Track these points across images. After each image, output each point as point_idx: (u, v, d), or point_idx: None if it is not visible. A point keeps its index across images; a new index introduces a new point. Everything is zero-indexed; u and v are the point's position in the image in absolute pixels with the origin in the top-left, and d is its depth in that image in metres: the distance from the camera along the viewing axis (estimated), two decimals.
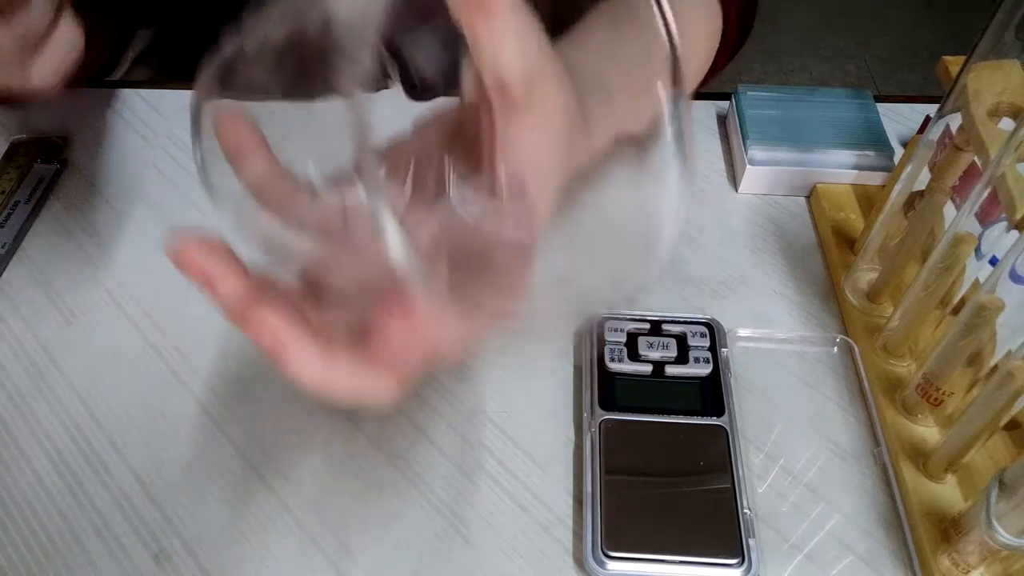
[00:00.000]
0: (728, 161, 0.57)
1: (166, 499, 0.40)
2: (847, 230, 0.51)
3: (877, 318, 0.46)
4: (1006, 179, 0.35)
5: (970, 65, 0.38)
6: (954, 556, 0.36)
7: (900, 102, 0.61)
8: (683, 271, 0.50)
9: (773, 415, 0.44)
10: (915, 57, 2.05)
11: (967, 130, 0.38)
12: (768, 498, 0.40)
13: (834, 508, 0.40)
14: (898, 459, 0.41)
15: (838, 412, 0.44)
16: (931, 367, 0.40)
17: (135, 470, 0.41)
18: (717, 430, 0.41)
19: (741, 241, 0.52)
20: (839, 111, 0.56)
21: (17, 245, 0.51)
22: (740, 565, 0.37)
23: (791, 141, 0.54)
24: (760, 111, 0.56)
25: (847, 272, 0.49)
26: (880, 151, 0.53)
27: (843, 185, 0.54)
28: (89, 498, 0.40)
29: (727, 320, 0.46)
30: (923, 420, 0.42)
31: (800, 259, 0.51)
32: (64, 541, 0.39)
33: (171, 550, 0.39)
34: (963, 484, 0.39)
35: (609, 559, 0.37)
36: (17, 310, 0.48)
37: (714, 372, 0.44)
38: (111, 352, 0.46)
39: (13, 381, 0.45)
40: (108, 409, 0.44)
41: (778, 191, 0.55)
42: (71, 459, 0.42)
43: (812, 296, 0.49)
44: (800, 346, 0.47)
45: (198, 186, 0.48)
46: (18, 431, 0.43)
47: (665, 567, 0.37)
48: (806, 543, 0.39)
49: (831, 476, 0.41)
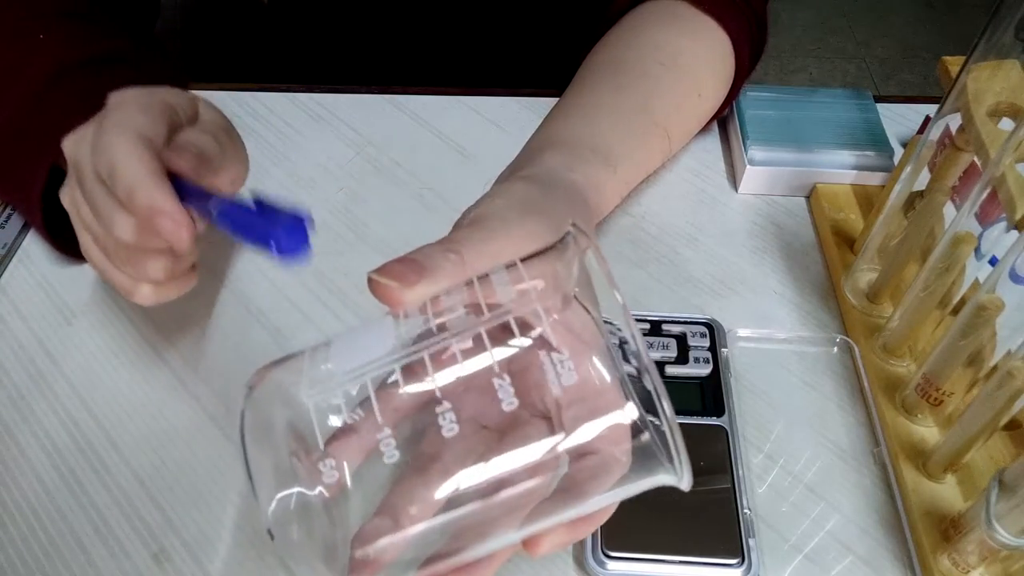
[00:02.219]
0: (728, 161, 0.57)
1: (166, 499, 0.40)
2: (847, 230, 0.51)
3: (877, 318, 0.46)
4: (1006, 179, 0.35)
5: (970, 65, 0.38)
6: (954, 556, 0.36)
7: (900, 102, 0.61)
8: (683, 271, 0.50)
9: (773, 415, 0.44)
10: (915, 57, 2.05)
11: (967, 130, 0.38)
12: (768, 498, 0.40)
13: (834, 508, 0.40)
14: (898, 459, 0.41)
15: (838, 412, 0.44)
16: (931, 367, 0.40)
17: (135, 470, 0.41)
18: (717, 430, 0.41)
19: (741, 241, 0.52)
20: (839, 111, 0.56)
21: (17, 245, 0.51)
22: (740, 565, 0.37)
23: (791, 141, 0.54)
24: (760, 111, 0.56)
25: (847, 272, 0.48)
26: (880, 151, 0.53)
27: (843, 185, 0.54)
28: (89, 498, 0.40)
29: (727, 320, 0.46)
30: (923, 420, 0.42)
31: (800, 259, 0.51)
32: (64, 541, 0.39)
33: (171, 550, 0.39)
34: (963, 484, 0.39)
35: (609, 559, 0.37)
36: (17, 310, 0.48)
37: (714, 372, 0.43)
38: (111, 352, 0.46)
39: (13, 381, 0.45)
40: (108, 409, 0.44)
41: (778, 191, 0.55)
42: (71, 459, 0.42)
43: (812, 296, 0.49)
44: (800, 346, 0.47)
45: None
46: (18, 431, 0.43)
47: (665, 567, 0.37)
48: (806, 543, 0.39)
49: (831, 476, 0.41)
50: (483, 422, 0.30)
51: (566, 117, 0.47)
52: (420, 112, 0.60)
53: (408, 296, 0.29)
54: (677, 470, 0.27)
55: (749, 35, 0.53)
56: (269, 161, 0.57)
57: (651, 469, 0.28)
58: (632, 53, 0.50)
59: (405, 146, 0.58)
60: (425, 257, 0.30)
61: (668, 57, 0.49)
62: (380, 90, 0.62)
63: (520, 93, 0.62)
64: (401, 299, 0.29)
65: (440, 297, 0.29)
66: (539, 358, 0.27)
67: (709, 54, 0.51)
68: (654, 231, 0.53)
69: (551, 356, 0.27)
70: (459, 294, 0.29)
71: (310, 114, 0.60)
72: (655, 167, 0.51)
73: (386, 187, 0.55)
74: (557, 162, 0.42)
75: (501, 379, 0.26)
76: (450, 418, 0.26)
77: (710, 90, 0.52)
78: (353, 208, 0.54)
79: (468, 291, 0.29)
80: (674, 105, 0.50)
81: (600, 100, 0.47)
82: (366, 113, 0.60)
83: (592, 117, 0.46)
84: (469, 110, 0.61)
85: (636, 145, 0.47)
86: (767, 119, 0.55)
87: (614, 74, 0.49)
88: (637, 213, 0.54)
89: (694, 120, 0.53)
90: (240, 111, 0.60)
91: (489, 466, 0.27)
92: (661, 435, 0.26)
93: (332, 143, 0.58)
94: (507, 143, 0.58)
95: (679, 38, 0.50)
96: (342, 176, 0.56)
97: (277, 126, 0.59)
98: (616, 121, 0.46)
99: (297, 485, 0.27)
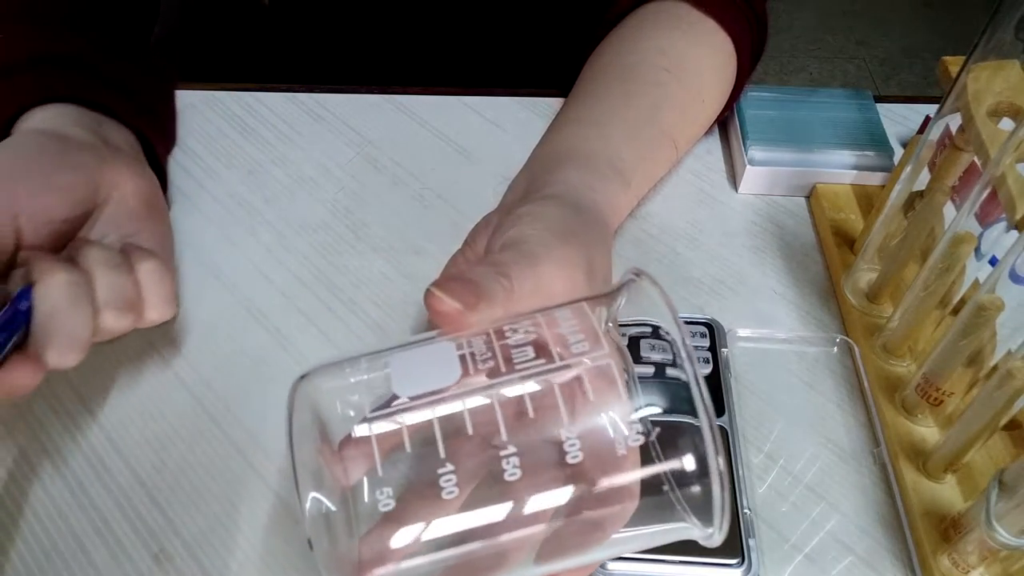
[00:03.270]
0: (728, 161, 0.57)
1: (166, 499, 0.40)
2: (847, 230, 0.51)
3: (877, 318, 0.46)
4: (1006, 179, 0.35)
5: (970, 65, 0.38)
6: (954, 556, 0.36)
7: (900, 102, 0.61)
8: (683, 271, 0.50)
9: (773, 415, 0.44)
10: (915, 57, 2.05)
11: (967, 130, 0.38)
12: (768, 498, 0.40)
13: (834, 508, 0.40)
14: (898, 459, 0.41)
15: (838, 412, 0.44)
16: (931, 367, 0.40)
17: (135, 470, 0.41)
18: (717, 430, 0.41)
19: (741, 241, 0.52)
20: (839, 111, 0.56)
21: None
22: (740, 565, 0.37)
23: (791, 141, 0.54)
24: (760, 111, 0.56)
25: (847, 272, 0.48)
26: (880, 151, 0.53)
27: (843, 185, 0.54)
28: (89, 498, 0.40)
29: (727, 320, 0.46)
30: (923, 420, 0.42)
31: (800, 259, 0.51)
32: (64, 541, 0.39)
33: (171, 550, 0.39)
34: (963, 484, 0.39)
35: (609, 559, 0.37)
36: None
37: (714, 372, 0.43)
38: (112, 352, 0.46)
39: None
40: (108, 409, 0.44)
41: (778, 191, 0.55)
42: (71, 459, 0.42)
43: (812, 296, 0.49)
44: (800, 346, 0.47)
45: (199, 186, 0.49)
46: (18, 431, 0.43)
47: (665, 567, 0.37)
48: (806, 543, 0.39)
49: (831, 476, 0.41)
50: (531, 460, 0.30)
51: (578, 126, 0.47)
52: (420, 112, 0.60)
53: (470, 319, 0.28)
54: (716, 526, 0.26)
55: (750, 36, 0.53)
56: (269, 161, 0.57)
57: (679, 519, 0.27)
58: (637, 58, 0.50)
59: (405, 146, 0.58)
60: (481, 278, 0.30)
61: (673, 63, 0.49)
62: (380, 90, 0.62)
63: (520, 93, 0.62)
64: (463, 322, 0.28)
65: (504, 328, 0.29)
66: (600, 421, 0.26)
67: (712, 59, 0.51)
68: (654, 231, 0.53)
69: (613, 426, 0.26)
70: (524, 327, 0.29)
71: (310, 114, 0.60)
72: (662, 177, 0.51)
73: (386, 187, 0.55)
74: (578, 180, 0.42)
75: (570, 434, 0.26)
76: (514, 463, 0.26)
77: (714, 95, 0.52)
78: (353, 208, 0.54)
79: (532, 325, 0.28)
80: (681, 114, 0.50)
81: (611, 109, 0.47)
82: (366, 113, 0.60)
83: (605, 128, 0.46)
84: (469, 110, 0.61)
85: (647, 157, 0.48)
86: (767, 119, 0.55)
87: (622, 81, 0.49)
88: (637, 213, 0.54)
89: (699, 127, 0.53)
90: (240, 111, 0.60)
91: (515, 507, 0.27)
92: (704, 486, 0.26)
93: (332, 143, 0.58)
94: (507, 143, 0.59)
95: (682, 42, 0.50)
96: (342, 176, 0.56)
97: (277, 126, 0.59)
98: (628, 133, 0.46)
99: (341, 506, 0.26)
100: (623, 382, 0.27)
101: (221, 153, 0.57)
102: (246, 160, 0.57)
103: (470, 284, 0.29)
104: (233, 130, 0.58)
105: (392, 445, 0.26)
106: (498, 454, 0.26)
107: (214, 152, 0.57)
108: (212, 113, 0.59)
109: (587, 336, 0.28)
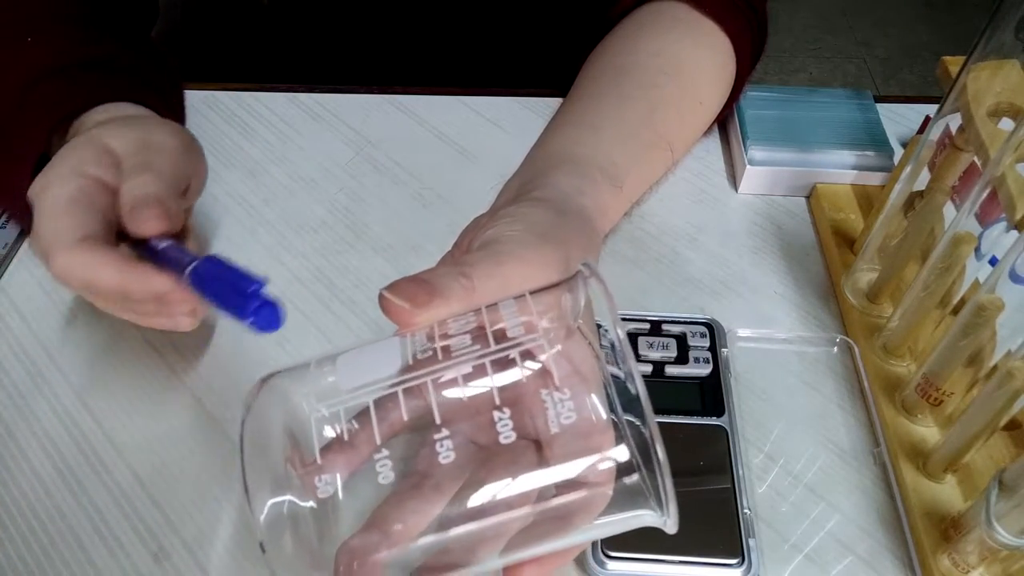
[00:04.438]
0: (728, 161, 0.57)
1: (166, 499, 0.40)
2: (847, 230, 0.51)
3: (877, 318, 0.46)
4: (1006, 179, 0.35)
5: (970, 65, 0.38)
6: (954, 556, 0.36)
7: (900, 102, 0.61)
8: (683, 271, 0.50)
9: (773, 415, 0.44)
10: (915, 57, 2.05)
11: (967, 130, 0.38)
12: (768, 498, 0.40)
13: (834, 508, 0.40)
14: (898, 459, 0.41)
15: (838, 412, 0.44)
16: (931, 367, 0.40)
17: (135, 470, 0.41)
18: (717, 430, 0.41)
19: (741, 241, 0.52)
20: (839, 111, 0.56)
21: (17, 245, 0.51)
22: (740, 565, 0.37)
23: (791, 141, 0.54)
24: (760, 111, 0.56)
25: (847, 272, 0.48)
26: (880, 151, 0.53)
27: (843, 185, 0.54)
28: (89, 498, 0.40)
29: (727, 320, 0.46)
30: (923, 420, 0.42)
31: (800, 259, 0.51)
32: (64, 541, 0.39)
33: (171, 549, 0.39)
34: (963, 484, 0.39)
35: (609, 559, 0.37)
36: (17, 310, 0.48)
37: (714, 372, 0.43)
38: (111, 351, 0.46)
39: (13, 381, 0.45)
40: (108, 409, 0.44)
41: (778, 191, 0.55)
42: (71, 459, 0.42)
43: (812, 296, 0.49)
44: (800, 346, 0.47)
45: None
46: (18, 431, 0.43)
47: (665, 567, 0.37)
48: (806, 543, 0.39)
49: (831, 476, 0.41)
50: (477, 442, 0.30)
51: (573, 128, 0.47)
52: (420, 112, 0.60)
53: (418, 317, 0.29)
54: (664, 512, 0.27)
55: (750, 36, 0.53)
56: (269, 161, 0.57)
57: (637, 507, 0.28)
58: (634, 59, 0.50)
59: (405, 146, 0.58)
60: (437, 278, 0.30)
61: (671, 65, 0.49)
62: (380, 90, 0.62)
63: (520, 93, 0.62)
64: (411, 320, 0.29)
65: (448, 321, 0.29)
66: (539, 393, 0.27)
67: (711, 60, 0.51)
68: (654, 231, 0.53)
69: (553, 395, 0.27)
70: (467, 320, 0.29)
71: (310, 114, 0.60)
72: (657, 179, 0.51)
73: (386, 187, 0.55)
74: (567, 184, 0.42)
75: (501, 413, 0.27)
76: (447, 445, 0.27)
77: (712, 97, 0.52)
78: (353, 208, 0.54)
79: (476, 317, 0.29)
80: (677, 116, 0.50)
81: (606, 112, 0.47)
82: (366, 113, 0.60)
83: (598, 130, 0.46)
84: (469, 110, 0.61)
85: (641, 161, 0.47)
86: (767, 119, 0.55)
87: (618, 83, 0.49)
88: (637, 213, 0.54)
89: (696, 130, 0.53)
90: (240, 111, 0.60)
91: (480, 494, 0.27)
92: (653, 477, 0.27)
93: (332, 143, 0.58)
94: (507, 143, 0.59)
95: (681, 44, 0.50)
96: (342, 176, 0.56)
97: (277, 126, 0.59)
98: (622, 136, 0.46)
99: (291, 494, 0.27)
100: (557, 365, 0.27)
101: (221, 153, 0.57)
102: (246, 160, 0.57)
103: (423, 284, 0.30)
104: (233, 130, 0.59)
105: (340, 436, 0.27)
106: (433, 437, 0.27)
107: (214, 152, 0.57)
108: (212, 113, 0.59)
109: (526, 324, 0.28)
